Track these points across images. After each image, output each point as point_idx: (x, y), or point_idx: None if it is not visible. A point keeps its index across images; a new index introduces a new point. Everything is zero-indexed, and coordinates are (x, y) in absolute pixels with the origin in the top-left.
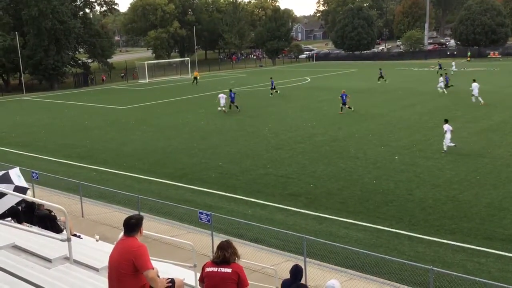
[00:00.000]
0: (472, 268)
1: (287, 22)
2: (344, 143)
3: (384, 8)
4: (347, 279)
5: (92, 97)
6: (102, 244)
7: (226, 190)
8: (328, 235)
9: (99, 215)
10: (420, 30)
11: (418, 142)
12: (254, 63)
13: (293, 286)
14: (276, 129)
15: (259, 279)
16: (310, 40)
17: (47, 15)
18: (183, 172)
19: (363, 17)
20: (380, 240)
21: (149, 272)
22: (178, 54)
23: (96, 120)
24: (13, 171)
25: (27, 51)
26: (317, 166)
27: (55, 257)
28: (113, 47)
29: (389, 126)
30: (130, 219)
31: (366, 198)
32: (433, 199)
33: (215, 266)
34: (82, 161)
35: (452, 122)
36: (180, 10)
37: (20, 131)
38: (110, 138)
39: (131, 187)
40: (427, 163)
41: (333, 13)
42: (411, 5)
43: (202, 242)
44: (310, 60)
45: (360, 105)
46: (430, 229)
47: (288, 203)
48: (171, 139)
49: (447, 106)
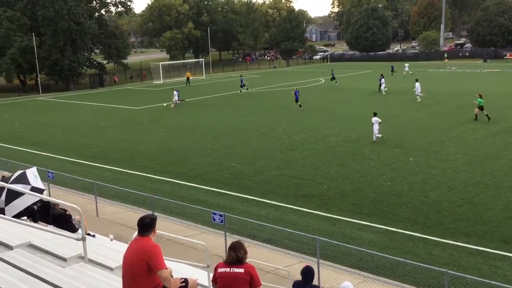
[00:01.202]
0: (487, 271)
1: (301, 23)
2: (358, 145)
3: (399, 9)
4: (361, 281)
5: (107, 97)
6: (116, 243)
7: (239, 191)
8: (341, 236)
9: (114, 215)
10: (435, 31)
11: (433, 143)
12: (268, 64)
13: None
14: (290, 130)
15: (272, 280)
16: (324, 41)
17: (63, 16)
18: (197, 173)
19: (378, 18)
20: (394, 242)
21: (162, 272)
22: (192, 55)
23: (110, 120)
24: (30, 171)
25: (44, 52)
26: (331, 167)
27: (70, 256)
28: (128, 48)
29: (404, 127)
30: (144, 219)
31: (380, 200)
32: (448, 201)
33: (227, 266)
34: (97, 161)
35: (467, 124)
36: (194, 11)
37: (37, 130)
38: (125, 138)
39: (145, 187)
40: (442, 165)
41: (348, 14)
42: (426, 6)
43: (215, 242)
44: (324, 61)
45: (374, 106)
46: (445, 232)
47: (301, 204)
48: (185, 139)
49: (462, 107)
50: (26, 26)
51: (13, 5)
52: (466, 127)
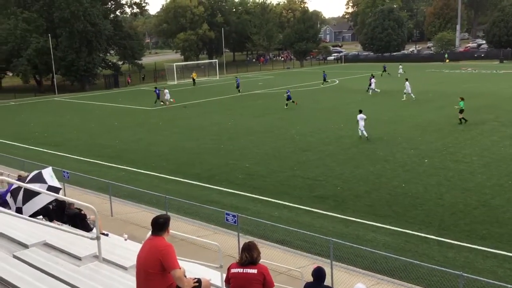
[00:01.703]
0: (503, 274)
1: (315, 23)
2: (372, 146)
3: (414, 10)
4: (375, 283)
5: (122, 98)
6: (130, 243)
7: (252, 192)
8: (355, 238)
9: (128, 215)
10: (451, 32)
11: (448, 145)
12: (281, 65)
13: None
14: (304, 130)
15: (284, 281)
16: (338, 42)
17: (78, 17)
18: (210, 173)
19: (393, 19)
20: (409, 244)
21: (176, 272)
22: (206, 55)
23: (125, 120)
24: (46, 171)
25: (59, 53)
26: (345, 169)
27: (84, 255)
28: (143, 49)
29: (419, 128)
30: (158, 219)
31: (395, 202)
32: (464, 203)
33: (240, 267)
34: (112, 161)
35: (483, 125)
36: (209, 12)
37: (52, 131)
38: (139, 139)
39: (159, 187)
40: (458, 167)
41: (362, 14)
42: (442, 7)
43: (228, 243)
44: (339, 62)
45: (388, 107)
46: (460, 234)
47: (315, 205)
48: (199, 140)
49: (478, 109)
50: (42, 27)
51: (30, 6)
52: (482, 128)
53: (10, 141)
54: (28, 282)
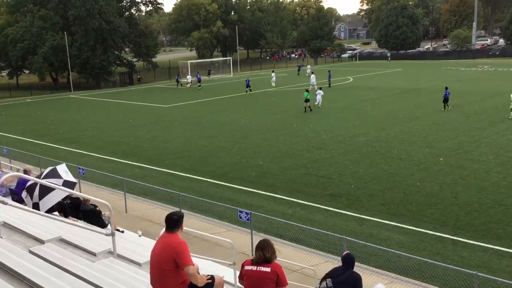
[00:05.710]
0: None
1: (330, 21)
2: (387, 144)
3: (430, 7)
4: (388, 282)
5: (136, 95)
6: (144, 239)
7: (266, 189)
8: (368, 237)
9: (142, 211)
10: (467, 29)
11: (464, 143)
12: (296, 63)
13: (347, 273)
14: (317, 128)
15: (298, 279)
16: (353, 39)
17: (94, 15)
18: (224, 171)
19: (408, 16)
20: (423, 243)
21: (189, 268)
22: (220, 53)
23: (140, 118)
24: (61, 167)
25: (75, 50)
26: (359, 167)
27: (99, 251)
28: (158, 46)
29: (434, 127)
30: (172, 216)
31: (409, 201)
32: (479, 202)
33: (254, 265)
34: (126, 158)
35: (500, 124)
36: (223, 9)
37: (68, 128)
38: (153, 136)
39: (173, 184)
40: (473, 166)
41: (377, 11)
42: (458, 4)
43: (241, 240)
44: (353, 60)
45: (404, 106)
46: (475, 234)
47: (329, 203)
48: (213, 137)
49: (495, 107)
50: (58, 25)
51: (46, 4)
52: (498, 127)
53: (27, 138)
54: (44, 277)
